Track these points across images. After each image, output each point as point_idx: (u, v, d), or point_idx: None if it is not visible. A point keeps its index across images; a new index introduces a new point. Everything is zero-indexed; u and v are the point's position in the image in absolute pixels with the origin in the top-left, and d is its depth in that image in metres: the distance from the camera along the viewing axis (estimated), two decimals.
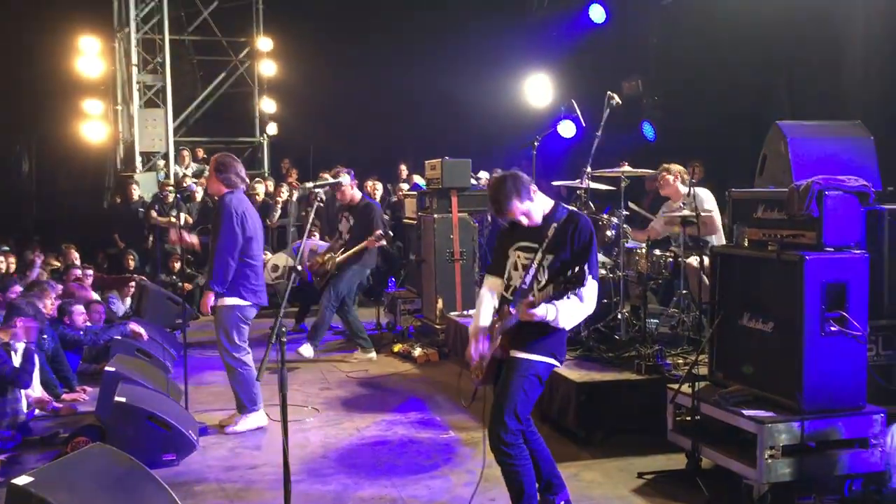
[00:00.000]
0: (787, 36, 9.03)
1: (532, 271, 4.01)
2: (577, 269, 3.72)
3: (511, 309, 3.97)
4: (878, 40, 7.85)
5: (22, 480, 3.70)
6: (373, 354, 8.25)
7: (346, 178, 4.74)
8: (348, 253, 7.99)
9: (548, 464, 4.27)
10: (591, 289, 3.91)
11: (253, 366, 5.98)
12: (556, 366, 4.14)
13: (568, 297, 3.82)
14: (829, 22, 8.39)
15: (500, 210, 4.08)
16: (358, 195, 8.13)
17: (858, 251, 4.53)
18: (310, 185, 4.92)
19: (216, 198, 6.12)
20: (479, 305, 4.31)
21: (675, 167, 7.16)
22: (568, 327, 4.00)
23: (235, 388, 6.01)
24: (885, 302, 5.22)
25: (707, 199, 6.78)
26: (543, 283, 3.97)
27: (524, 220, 4.07)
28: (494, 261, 4.35)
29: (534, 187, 4.08)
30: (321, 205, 6.01)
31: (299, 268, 4.57)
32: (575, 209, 4.18)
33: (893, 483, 4.43)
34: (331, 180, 4.88)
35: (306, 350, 7.90)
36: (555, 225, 4.02)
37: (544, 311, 3.84)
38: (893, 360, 5.30)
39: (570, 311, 3.90)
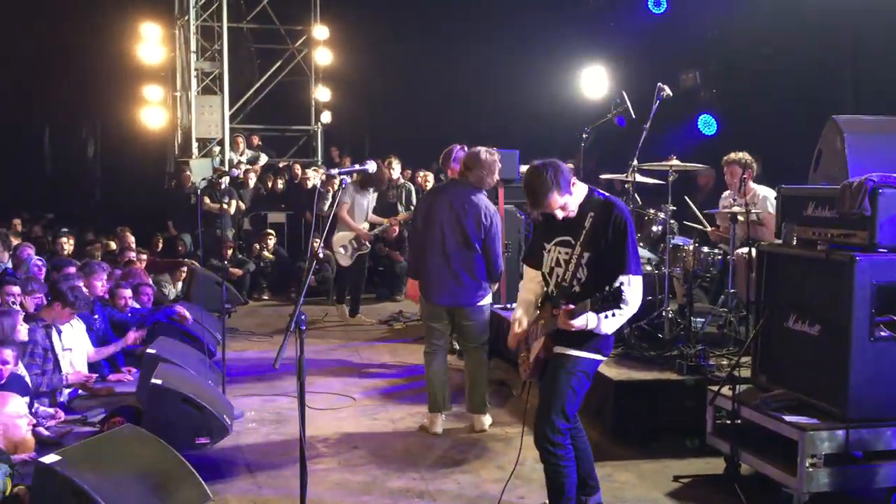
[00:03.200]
0: (852, 27, 8.69)
1: (571, 268, 3.88)
2: (612, 286, 3.53)
3: (555, 310, 3.86)
4: None
5: (49, 459, 3.76)
6: None
7: (372, 165, 4.65)
8: None
9: (587, 464, 4.18)
10: (633, 289, 3.75)
11: None
12: (602, 361, 4.03)
13: (607, 316, 3.67)
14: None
15: (537, 203, 3.86)
16: None
17: None
18: (333, 171, 4.82)
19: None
20: (520, 295, 4.27)
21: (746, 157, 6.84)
22: (610, 332, 3.88)
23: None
24: None
25: (767, 200, 6.50)
26: (584, 279, 3.85)
27: (560, 214, 3.90)
28: (531, 251, 4.24)
29: (574, 179, 3.89)
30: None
31: (321, 255, 4.48)
32: (611, 196, 3.97)
33: None
34: (358, 167, 4.80)
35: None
36: (591, 215, 3.85)
37: (584, 322, 3.72)
38: None
39: (612, 321, 3.77)
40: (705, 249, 6.52)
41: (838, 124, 5.00)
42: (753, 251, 5.45)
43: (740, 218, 6.10)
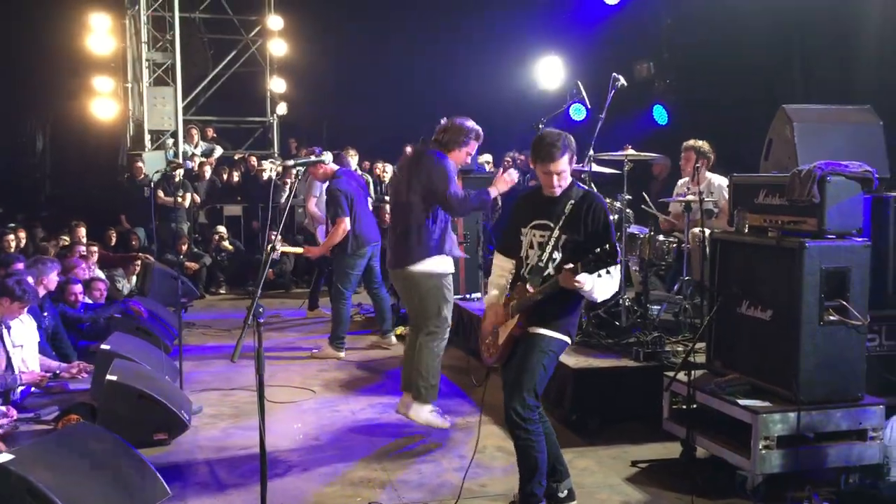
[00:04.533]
0: (801, 18, 8.87)
1: (548, 249, 3.98)
2: (606, 245, 3.66)
3: (529, 287, 3.97)
4: (893, 23, 7.67)
5: (2, 458, 3.68)
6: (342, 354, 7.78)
7: (328, 156, 4.64)
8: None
9: (555, 448, 4.23)
10: (614, 275, 3.89)
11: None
12: (569, 344, 4.13)
13: (601, 275, 3.75)
14: (844, 4, 8.22)
15: (548, 156, 3.97)
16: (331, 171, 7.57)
17: (860, 238, 4.41)
18: (290, 162, 4.81)
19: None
20: (492, 280, 4.37)
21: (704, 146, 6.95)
22: (599, 300, 4.00)
23: None
24: (889, 291, 5.12)
25: (724, 189, 6.63)
26: (558, 261, 3.95)
27: (554, 181, 4.01)
28: (504, 238, 4.33)
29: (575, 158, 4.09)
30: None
31: (279, 247, 4.45)
32: (590, 189, 4.17)
33: (892, 476, 4.33)
34: (313, 158, 4.80)
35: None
36: (571, 202, 3.98)
37: (585, 279, 3.77)
38: None
39: (605, 286, 3.87)
40: (661, 238, 6.62)
41: (787, 113, 5.11)
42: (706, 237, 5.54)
43: (694, 206, 6.19)
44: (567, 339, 4.08)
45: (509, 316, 4.11)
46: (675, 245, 6.61)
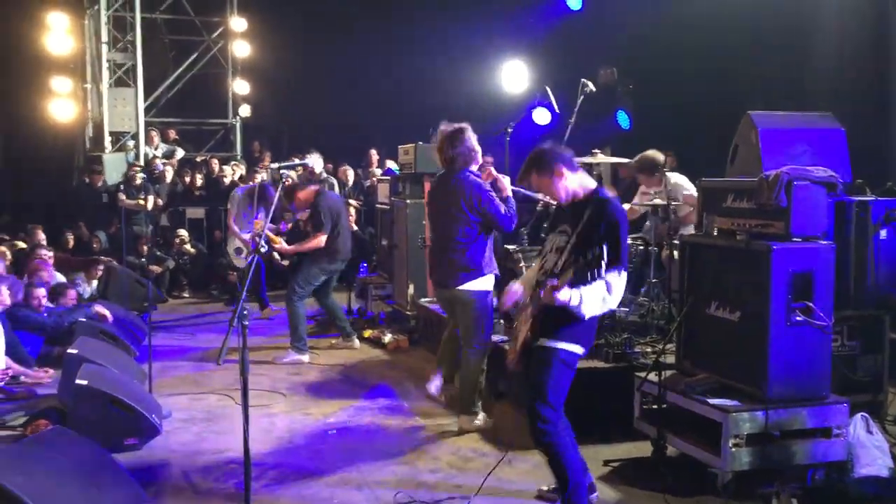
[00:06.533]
0: (760, 25, 9.09)
1: (564, 256, 3.99)
2: (596, 250, 3.64)
3: (542, 292, 3.95)
4: (849, 32, 7.91)
5: None
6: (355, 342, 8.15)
7: (315, 159, 4.68)
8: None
9: None
10: (618, 281, 3.86)
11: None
12: (581, 353, 4.11)
13: (591, 283, 3.73)
14: (801, 12, 8.45)
15: (521, 178, 4.32)
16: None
17: (825, 241, 4.54)
18: (276, 165, 4.82)
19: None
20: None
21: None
22: (588, 315, 3.90)
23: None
24: (850, 293, 5.28)
25: (685, 185, 6.77)
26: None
27: (540, 195, 4.17)
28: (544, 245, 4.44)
29: (562, 168, 4.10)
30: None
31: (263, 249, 4.46)
32: (611, 197, 4.10)
33: (856, 472, 4.46)
34: (298, 161, 4.81)
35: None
36: (589, 209, 3.97)
37: (567, 296, 3.77)
38: (858, 351, 5.38)
39: (594, 299, 3.83)
40: (628, 241, 6.71)
41: (752, 120, 5.25)
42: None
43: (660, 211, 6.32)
44: (575, 347, 4.03)
45: (525, 319, 4.13)
46: (641, 248, 6.72)
